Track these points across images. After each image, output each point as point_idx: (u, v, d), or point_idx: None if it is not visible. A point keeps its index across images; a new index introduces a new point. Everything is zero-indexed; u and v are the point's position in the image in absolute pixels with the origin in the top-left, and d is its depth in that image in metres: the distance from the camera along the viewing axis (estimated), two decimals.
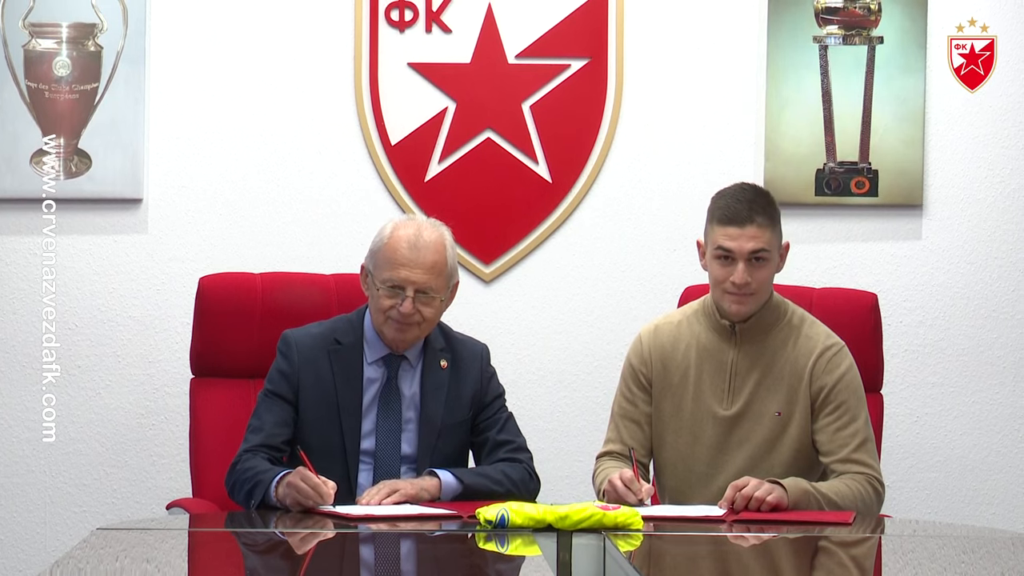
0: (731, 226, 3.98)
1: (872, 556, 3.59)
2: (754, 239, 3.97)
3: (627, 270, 5.11)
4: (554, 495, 4.09)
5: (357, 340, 4.07)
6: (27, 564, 5.04)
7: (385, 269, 3.98)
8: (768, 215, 4.01)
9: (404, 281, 3.96)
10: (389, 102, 5.10)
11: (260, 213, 5.09)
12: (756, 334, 4.07)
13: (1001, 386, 5.11)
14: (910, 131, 5.07)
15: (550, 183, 5.11)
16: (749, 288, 3.99)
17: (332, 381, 4.04)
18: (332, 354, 4.05)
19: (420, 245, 3.98)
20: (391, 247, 3.99)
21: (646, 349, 4.16)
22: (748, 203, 4.00)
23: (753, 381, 4.05)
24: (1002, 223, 5.11)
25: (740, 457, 4.02)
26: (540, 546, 3.41)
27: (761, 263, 3.99)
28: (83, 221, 5.08)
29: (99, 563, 3.19)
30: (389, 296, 3.97)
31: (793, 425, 4.03)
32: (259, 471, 3.91)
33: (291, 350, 4.07)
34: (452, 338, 4.16)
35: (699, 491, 4.05)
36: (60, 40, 5.05)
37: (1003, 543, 3.62)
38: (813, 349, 4.06)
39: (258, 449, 3.97)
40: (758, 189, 4.09)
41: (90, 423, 5.07)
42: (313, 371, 4.04)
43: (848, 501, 3.91)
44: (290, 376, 4.04)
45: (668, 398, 4.12)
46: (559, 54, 5.10)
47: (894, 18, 5.07)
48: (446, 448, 4.07)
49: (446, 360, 4.11)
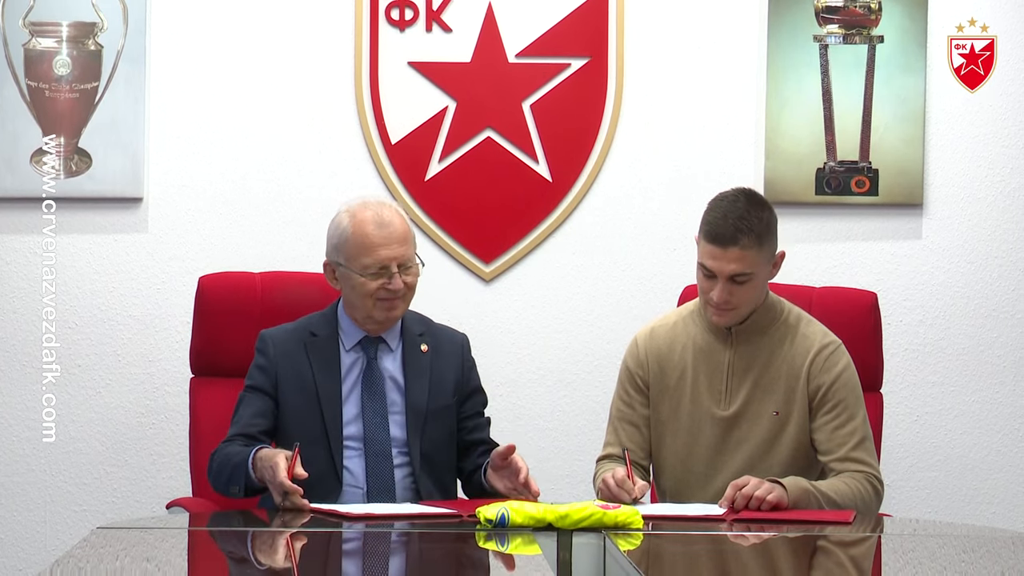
0: (714, 245, 3.95)
1: (872, 555, 3.59)
2: (736, 261, 3.93)
3: (627, 269, 5.11)
4: (554, 494, 4.09)
5: (332, 331, 4.11)
6: (27, 563, 5.05)
7: (363, 255, 4.01)
8: (756, 235, 3.94)
9: (387, 259, 4.01)
10: (389, 101, 5.10)
11: (260, 212, 5.09)
12: (752, 335, 4.06)
13: (1001, 385, 5.11)
14: (910, 130, 5.07)
15: (550, 182, 5.11)
16: (729, 305, 3.98)
17: (310, 371, 4.07)
18: (308, 346, 4.09)
19: (385, 221, 4.03)
20: (360, 233, 4.02)
21: (642, 352, 4.15)
22: (735, 221, 3.93)
23: (750, 382, 4.05)
24: (1002, 222, 5.11)
25: (739, 458, 4.02)
26: (540, 545, 3.40)
27: (742, 284, 3.97)
28: (83, 220, 5.08)
29: (99, 562, 3.19)
30: (374, 279, 4.01)
31: (791, 425, 4.03)
32: (231, 455, 3.95)
33: (267, 345, 4.11)
34: (431, 325, 4.20)
35: (698, 492, 4.04)
36: (60, 39, 5.05)
37: (1003, 542, 3.62)
38: (810, 348, 4.05)
39: (233, 439, 4.02)
40: (753, 201, 3.99)
41: (90, 422, 5.07)
42: (290, 363, 4.07)
43: (847, 500, 3.91)
44: (267, 370, 4.08)
45: (665, 400, 4.11)
46: (559, 53, 5.10)
47: (894, 17, 5.07)
48: (434, 434, 4.08)
49: (427, 344, 4.13)
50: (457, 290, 5.07)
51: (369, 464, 4.01)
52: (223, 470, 3.96)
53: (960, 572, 3.32)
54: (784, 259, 4.06)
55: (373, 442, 4.03)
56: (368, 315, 4.05)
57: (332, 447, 4.01)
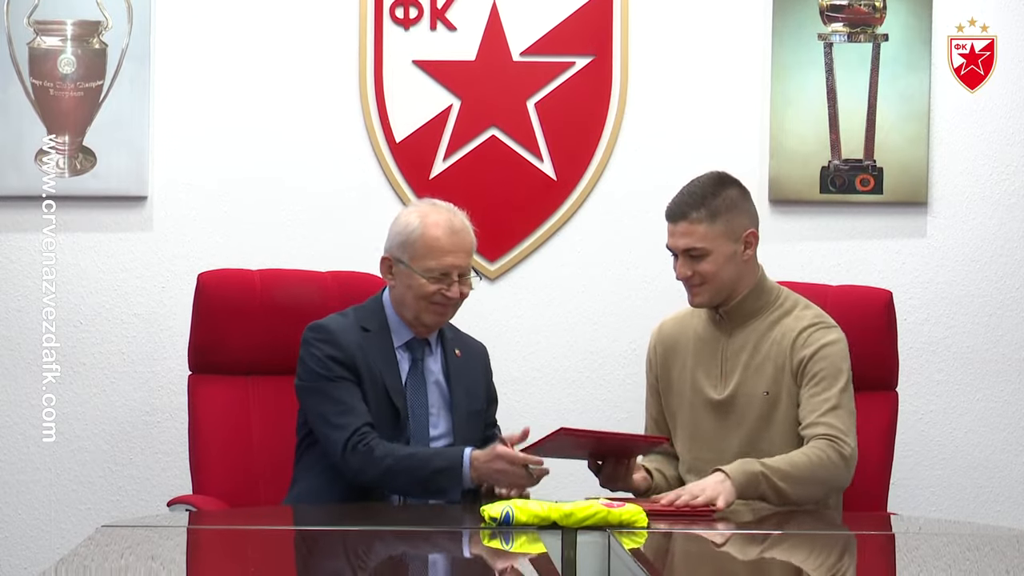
0: (669, 221, 4.13)
1: (879, 553, 3.59)
2: (685, 236, 4.08)
3: (631, 267, 5.11)
4: (559, 493, 4.09)
5: (383, 326, 4.13)
6: (32, 562, 5.05)
7: (429, 258, 4.05)
8: (707, 209, 4.06)
9: (451, 267, 4.07)
10: (394, 100, 5.10)
11: (265, 211, 5.09)
12: (746, 319, 4.12)
13: (1007, 383, 5.11)
14: (915, 128, 5.07)
15: (555, 180, 5.11)
16: (694, 280, 4.08)
17: (376, 364, 4.07)
18: (365, 339, 4.10)
19: (457, 230, 4.10)
20: (430, 236, 4.07)
21: (652, 347, 4.28)
22: (687, 197, 4.10)
23: (742, 364, 4.10)
24: (1007, 220, 5.11)
25: (736, 440, 4.05)
26: (545, 543, 3.40)
27: (699, 259, 4.05)
28: (87, 218, 5.08)
29: (104, 560, 3.19)
30: (434, 282, 4.05)
31: (782, 403, 4.06)
32: (425, 458, 3.94)
33: (335, 336, 4.08)
34: (458, 332, 4.26)
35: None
36: (65, 38, 5.05)
37: (1009, 541, 3.62)
38: (797, 327, 4.08)
39: (366, 429, 3.96)
40: (714, 179, 4.13)
41: (94, 420, 5.08)
42: (361, 354, 4.06)
43: (803, 470, 3.91)
44: (343, 360, 4.05)
45: (672, 392, 4.20)
46: (564, 52, 5.10)
47: (899, 15, 5.06)
48: (468, 434, 4.12)
49: (459, 350, 4.19)
50: None
51: None
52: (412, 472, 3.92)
53: (966, 570, 3.32)
54: (756, 239, 4.09)
55: (415, 440, 4.06)
56: (417, 316, 4.09)
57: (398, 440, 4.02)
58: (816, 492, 3.95)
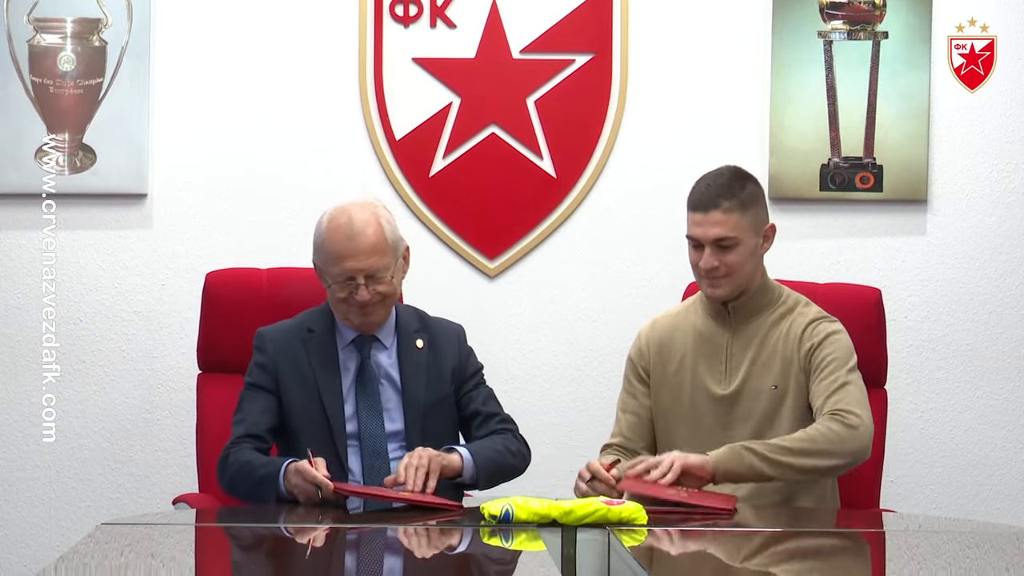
0: (696, 212, 4.06)
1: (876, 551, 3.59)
2: (718, 225, 4.03)
3: (631, 265, 5.11)
4: (558, 490, 4.10)
5: (328, 327, 4.11)
6: (32, 560, 5.05)
7: (331, 264, 4.02)
8: (737, 199, 4.04)
9: (351, 271, 4.00)
10: (394, 97, 5.10)
11: (265, 208, 5.09)
12: (750, 315, 4.11)
13: (1006, 381, 5.11)
14: (914, 126, 5.07)
15: (554, 178, 5.11)
16: (719, 272, 4.05)
17: (310, 366, 4.07)
18: (306, 342, 4.09)
19: (355, 232, 4.00)
20: (330, 241, 4.02)
21: (643, 341, 4.24)
22: (716, 188, 4.05)
23: (748, 360, 4.09)
24: (1006, 219, 5.11)
25: (742, 435, 4.04)
26: (545, 541, 3.41)
27: (728, 250, 4.02)
28: (87, 216, 5.08)
29: (104, 558, 3.19)
30: (342, 288, 4.02)
31: (790, 397, 4.05)
32: (253, 465, 3.94)
33: (265, 343, 4.12)
34: (427, 320, 4.20)
35: None
36: (65, 35, 5.05)
37: (1007, 538, 3.62)
38: (804, 323, 4.10)
39: (242, 440, 4.01)
40: (735, 172, 4.11)
41: (94, 418, 5.08)
42: (289, 359, 4.08)
43: (801, 442, 3.90)
44: (267, 367, 4.08)
45: (666, 388, 4.17)
46: (563, 49, 5.10)
47: (899, 13, 5.06)
48: (435, 428, 4.09)
49: (422, 340, 4.14)
50: (461, 286, 5.08)
51: (365, 461, 4.02)
52: (244, 479, 3.94)
53: (964, 568, 3.32)
54: (775, 232, 4.11)
55: (368, 439, 4.04)
56: (345, 318, 4.08)
57: (336, 441, 4.02)
58: (824, 463, 3.90)
